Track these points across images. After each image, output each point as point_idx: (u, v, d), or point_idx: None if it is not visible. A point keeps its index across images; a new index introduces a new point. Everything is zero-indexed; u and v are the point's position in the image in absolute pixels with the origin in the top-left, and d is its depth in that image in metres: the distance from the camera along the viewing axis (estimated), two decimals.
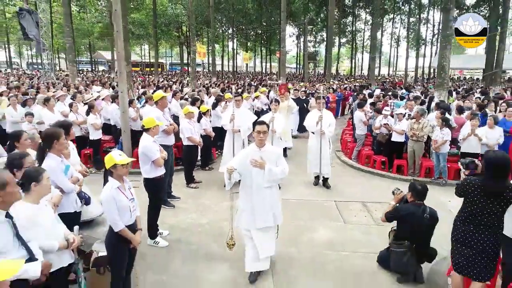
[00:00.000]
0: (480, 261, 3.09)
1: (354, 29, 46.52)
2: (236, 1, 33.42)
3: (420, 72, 43.65)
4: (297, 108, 10.21)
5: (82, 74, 31.83)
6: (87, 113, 7.77)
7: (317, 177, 7.13)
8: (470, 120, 7.47)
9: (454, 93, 14.49)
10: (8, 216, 2.34)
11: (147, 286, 3.77)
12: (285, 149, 8.69)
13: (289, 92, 10.73)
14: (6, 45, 42.62)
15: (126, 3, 13.91)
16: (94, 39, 42.88)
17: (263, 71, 57.10)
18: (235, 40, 47.24)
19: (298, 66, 56.67)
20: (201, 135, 7.12)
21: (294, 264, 4.22)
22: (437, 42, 45.47)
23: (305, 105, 11.16)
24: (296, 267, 4.17)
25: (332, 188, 6.89)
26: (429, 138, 7.85)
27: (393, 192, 4.22)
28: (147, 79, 23.75)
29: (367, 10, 44.19)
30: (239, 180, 3.90)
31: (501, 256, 3.19)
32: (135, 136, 7.26)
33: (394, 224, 4.15)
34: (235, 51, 45.65)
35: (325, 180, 7.05)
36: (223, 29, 42.42)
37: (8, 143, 4.11)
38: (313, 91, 12.92)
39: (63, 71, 35.19)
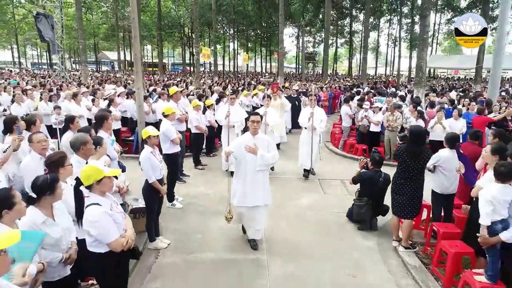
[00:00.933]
0: (408, 205, 4.36)
1: (351, 30, 47.65)
2: (237, 3, 34.69)
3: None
4: (289, 106, 10.63)
5: (90, 74, 33.11)
6: (108, 107, 9.03)
7: (306, 171, 7.67)
8: (437, 112, 8.73)
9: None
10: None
11: (169, 231, 5.03)
12: (278, 144, 9.28)
13: (282, 91, 11.54)
14: (15, 46, 43.89)
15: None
16: (99, 40, 44.14)
17: (264, 71, 58.33)
18: (236, 41, 48.65)
19: (297, 66, 57.90)
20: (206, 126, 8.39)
21: (281, 219, 5.48)
22: (433, 42, 47.14)
23: (296, 102, 12.08)
24: (283, 221, 5.43)
25: (318, 171, 8.04)
26: (403, 128, 9.10)
27: (358, 160, 5.49)
28: (152, 78, 25.02)
29: (364, 11, 45.44)
30: None
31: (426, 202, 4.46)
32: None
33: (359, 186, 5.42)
34: (235, 51, 46.92)
35: (311, 169, 7.73)
36: (224, 30, 43.64)
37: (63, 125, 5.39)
38: (305, 90, 14.06)
39: (69, 71, 36.40)
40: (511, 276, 3.25)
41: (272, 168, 7.38)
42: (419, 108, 9.31)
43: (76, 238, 2.87)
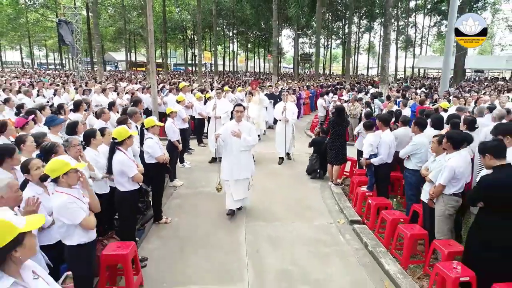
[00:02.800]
0: (337, 156, 6.77)
1: (345, 31, 49.94)
2: (236, 8, 37.13)
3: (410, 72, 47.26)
4: (268, 102, 11.77)
5: (111, 73, 35.66)
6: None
7: (281, 158, 8.80)
8: (388, 103, 11.15)
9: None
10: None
11: (182, 179, 7.41)
12: (258, 136, 10.21)
13: (261, 88, 13.30)
14: (23, 47, 46.47)
15: (137, 17, 17.64)
16: (107, 42, 46.68)
17: (263, 70, 60.75)
18: (235, 42, 51.17)
19: (297, 66, 60.37)
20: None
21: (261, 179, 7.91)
22: (422, 43, 49.58)
23: (278, 100, 13.07)
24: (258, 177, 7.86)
25: (293, 154, 10.29)
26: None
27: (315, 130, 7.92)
28: (158, 78, 27.47)
29: (358, 14, 47.84)
30: None
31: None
32: (161, 116, 10.92)
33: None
34: (235, 53, 49.39)
35: (288, 154, 8.95)
36: (224, 32, 46.09)
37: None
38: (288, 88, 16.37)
39: (87, 70, 38.78)
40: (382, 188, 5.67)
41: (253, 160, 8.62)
42: (376, 100, 11.78)
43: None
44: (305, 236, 4.99)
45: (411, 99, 12.39)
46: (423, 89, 18.16)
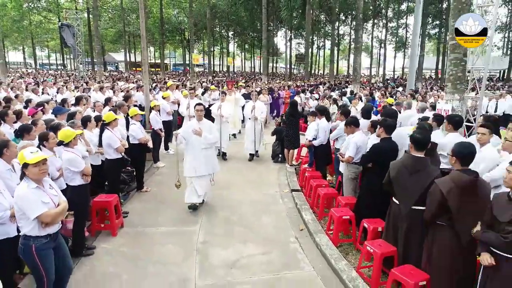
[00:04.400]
0: (291, 142, 8.20)
1: (338, 32, 51.18)
2: (230, 11, 38.61)
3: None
4: (244, 101, 11.51)
5: (110, 73, 37.18)
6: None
7: (251, 155, 9.14)
8: (354, 100, 12.56)
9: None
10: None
11: (164, 161, 8.84)
12: (233, 134, 11.24)
13: (236, 88, 14.05)
14: (32, 48, 48.06)
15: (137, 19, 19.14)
16: (107, 43, 48.21)
17: (259, 70, 62.21)
18: (232, 43, 52.70)
19: (290, 66, 61.81)
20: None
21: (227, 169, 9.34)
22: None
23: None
24: (227, 169, 9.29)
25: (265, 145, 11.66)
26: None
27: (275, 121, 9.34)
28: (156, 78, 28.95)
29: (351, 16, 49.19)
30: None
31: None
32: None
33: None
34: (232, 53, 50.82)
35: (256, 151, 9.25)
36: (220, 33, 47.54)
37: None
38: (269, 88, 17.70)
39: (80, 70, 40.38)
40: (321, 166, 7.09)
41: (224, 158, 9.11)
42: (344, 97, 13.22)
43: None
44: (253, 199, 6.43)
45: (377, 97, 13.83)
46: (400, 88, 19.63)
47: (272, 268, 4.25)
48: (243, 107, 10.63)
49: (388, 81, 33.85)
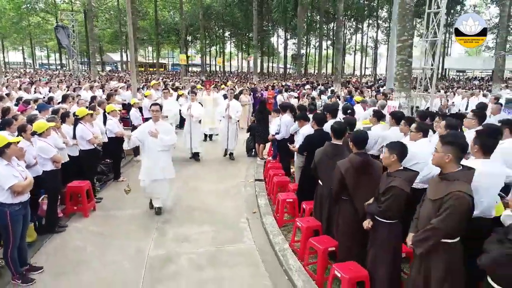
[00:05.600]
0: (261, 136, 8.82)
1: (334, 33, 51.84)
2: (225, 13, 39.26)
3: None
4: (223, 101, 11.29)
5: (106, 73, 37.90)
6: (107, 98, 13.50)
7: (226, 150, 9.30)
8: (332, 99, 13.19)
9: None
10: None
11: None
12: (211, 135, 11.24)
13: (217, 88, 14.55)
14: (31, 49, 48.79)
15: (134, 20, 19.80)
16: (104, 43, 48.90)
17: (261, 70, 62.78)
18: (229, 43, 53.35)
19: (285, 66, 62.54)
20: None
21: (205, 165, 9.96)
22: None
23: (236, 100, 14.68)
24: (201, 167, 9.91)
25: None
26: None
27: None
28: (150, 78, 29.62)
29: (347, 16, 49.76)
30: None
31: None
32: (140, 110, 13.00)
33: None
34: (229, 53, 51.43)
35: (231, 154, 9.28)
36: (216, 34, 48.18)
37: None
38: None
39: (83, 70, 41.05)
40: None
41: (197, 158, 9.04)
42: (323, 96, 13.85)
43: None
44: (218, 188, 7.05)
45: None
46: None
47: (217, 242, 4.89)
48: None
49: (380, 81, 34.48)
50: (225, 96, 12.40)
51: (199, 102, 9.77)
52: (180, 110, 10.59)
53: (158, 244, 4.79)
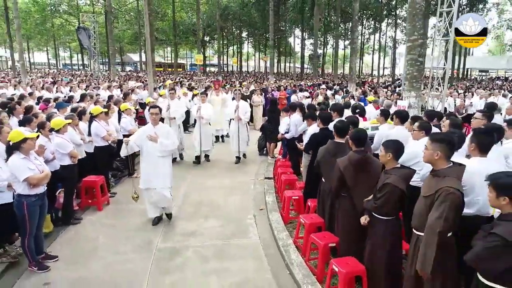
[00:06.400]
0: (272, 135, 8.94)
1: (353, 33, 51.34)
2: (242, 12, 39.51)
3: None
4: (231, 102, 10.28)
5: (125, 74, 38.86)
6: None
7: (238, 157, 8.87)
8: (346, 98, 13.18)
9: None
10: None
11: None
12: (222, 136, 11.09)
13: (224, 88, 14.29)
14: (50, 48, 50.32)
15: (152, 21, 20.23)
16: (124, 44, 50.01)
17: (278, 70, 62.79)
18: (246, 44, 53.65)
19: (302, 66, 62.37)
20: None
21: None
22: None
23: (248, 100, 12.92)
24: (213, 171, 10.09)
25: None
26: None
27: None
28: (167, 78, 30.16)
29: (365, 15, 49.24)
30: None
31: None
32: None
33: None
34: (245, 54, 51.67)
35: (244, 154, 9.09)
36: (234, 35, 48.53)
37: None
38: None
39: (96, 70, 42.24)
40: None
41: (208, 159, 8.99)
42: (336, 96, 13.85)
43: None
44: (227, 185, 7.22)
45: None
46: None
47: (223, 236, 5.04)
48: None
49: (398, 81, 34.00)
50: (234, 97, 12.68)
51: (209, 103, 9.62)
52: (189, 111, 10.70)
53: (167, 237, 4.98)
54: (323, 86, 20.26)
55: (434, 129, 5.00)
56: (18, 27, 20.19)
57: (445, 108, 11.69)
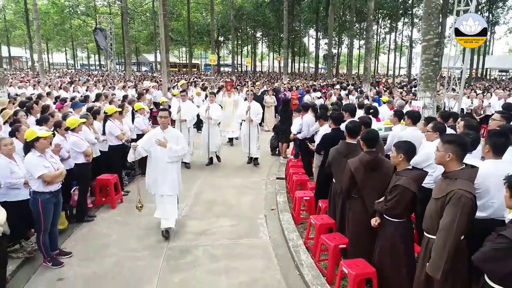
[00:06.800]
0: (284, 136, 8.92)
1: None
2: (256, 13, 39.55)
3: None
4: (243, 103, 9.74)
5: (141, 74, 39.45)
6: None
7: (250, 158, 8.71)
8: (360, 98, 13.05)
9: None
10: None
11: None
12: (231, 139, 10.68)
13: (236, 89, 13.72)
14: (72, 50, 51.54)
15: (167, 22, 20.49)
16: (140, 44, 50.71)
17: (292, 70, 62.60)
18: (260, 44, 53.67)
19: (320, 66, 61.96)
20: None
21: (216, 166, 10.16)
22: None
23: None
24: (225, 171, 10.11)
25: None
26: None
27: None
28: (181, 78, 30.44)
29: (381, 15, 48.60)
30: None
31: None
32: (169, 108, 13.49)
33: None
34: (259, 54, 51.69)
35: (255, 159, 8.67)
36: (248, 35, 48.62)
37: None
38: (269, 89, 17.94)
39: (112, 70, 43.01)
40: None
41: (219, 159, 8.87)
42: (350, 96, 13.73)
43: None
44: (239, 185, 7.24)
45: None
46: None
47: (234, 236, 5.06)
48: None
49: (414, 81, 33.42)
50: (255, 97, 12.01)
51: (219, 104, 9.72)
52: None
53: (178, 236, 5.03)
54: (337, 86, 20.12)
55: (449, 130, 4.93)
56: (37, 28, 20.70)
57: (462, 109, 11.47)
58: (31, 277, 4.04)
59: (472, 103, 12.77)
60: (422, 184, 3.79)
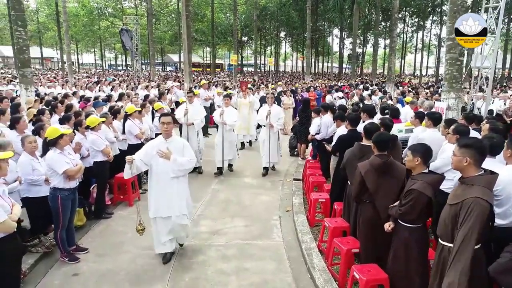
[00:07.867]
0: (303, 136, 8.82)
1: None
2: (279, 13, 39.39)
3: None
4: (259, 105, 10.19)
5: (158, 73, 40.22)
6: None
7: (265, 168, 7.89)
8: (383, 99, 12.75)
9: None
10: None
11: None
12: (249, 142, 10.54)
13: (252, 89, 13.00)
14: (101, 51, 53.11)
15: (190, 23, 20.74)
16: (165, 45, 51.64)
17: (315, 70, 62.08)
18: (284, 43, 53.44)
19: (345, 66, 61.08)
20: None
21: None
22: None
23: (276, 102, 10.85)
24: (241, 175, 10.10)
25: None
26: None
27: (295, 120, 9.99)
28: (203, 77, 30.79)
29: (408, 13, 47.37)
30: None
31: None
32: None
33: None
34: (283, 54, 51.48)
35: (273, 166, 8.15)
36: (271, 34, 48.53)
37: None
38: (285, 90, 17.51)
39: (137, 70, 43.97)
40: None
41: (231, 169, 8.08)
42: (373, 96, 13.43)
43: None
44: (255, 184, 7.25)
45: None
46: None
47: (247, 236, 5.04)
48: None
49: (441, 81, 32.34)
50: (261, 100, 11.35)
51: (234, 107, 9.05)
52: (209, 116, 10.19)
53: (192, 235, 5.04)
54: (361, 86, 19.76)
55: (474, 133, 4.72)
56: (67, 30, 21.44)
57: (491, 110, 10.98)
58: (48, 271, 4.17)
59: (504, 104, 12.21)
60: (444, 189, 3.67)
